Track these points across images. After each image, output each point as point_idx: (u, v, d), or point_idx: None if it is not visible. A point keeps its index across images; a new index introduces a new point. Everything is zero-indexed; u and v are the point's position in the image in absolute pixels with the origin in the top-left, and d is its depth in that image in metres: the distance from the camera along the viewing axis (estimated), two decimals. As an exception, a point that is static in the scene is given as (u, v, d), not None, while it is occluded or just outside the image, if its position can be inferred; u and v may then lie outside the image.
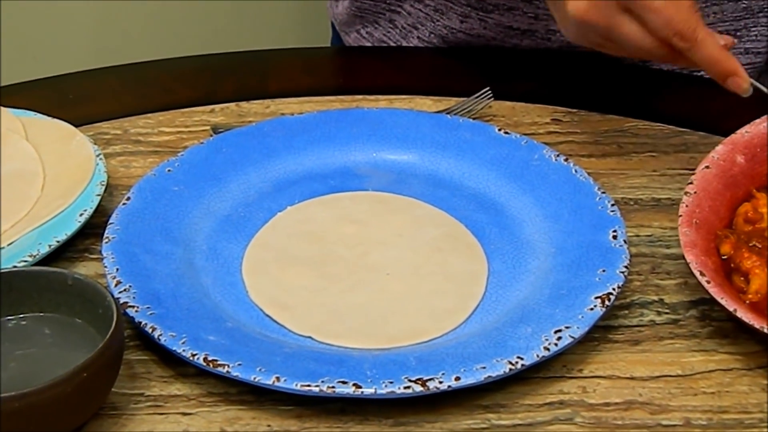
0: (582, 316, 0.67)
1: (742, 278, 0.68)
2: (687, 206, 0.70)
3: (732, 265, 0.69)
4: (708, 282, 0.65)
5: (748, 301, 0.67)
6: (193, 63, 1.04)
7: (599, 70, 0.81)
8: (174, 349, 0.65)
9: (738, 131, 0.74)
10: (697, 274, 0.66)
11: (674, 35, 0.73)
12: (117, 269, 0.70)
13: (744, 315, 0.63)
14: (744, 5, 1.00)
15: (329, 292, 0.72)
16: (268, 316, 0.70)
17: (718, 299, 0.64)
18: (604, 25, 0.75)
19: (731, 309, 0.64)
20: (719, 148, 0.74)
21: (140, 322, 0.66)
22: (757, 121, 0.75)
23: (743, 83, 0.74)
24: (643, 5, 0.73)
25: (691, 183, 0.72)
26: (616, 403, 0.65)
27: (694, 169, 0.75)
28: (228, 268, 0.74)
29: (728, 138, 0.74)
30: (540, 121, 0.91)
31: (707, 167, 0.72)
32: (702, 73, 0.80)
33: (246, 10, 1.71)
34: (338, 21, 1.13)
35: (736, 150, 0.73)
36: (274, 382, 0.62)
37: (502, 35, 1.01)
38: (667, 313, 0.71)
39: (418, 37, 1.05)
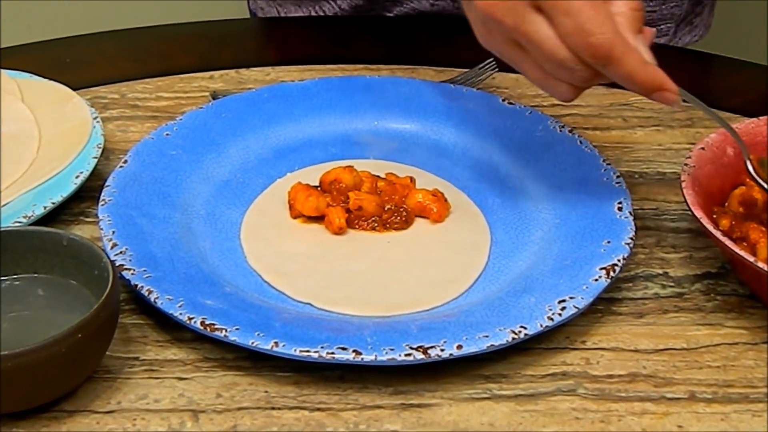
0: (586, 287, 0.66)
1: (747, 248, 0.67)
2: (688, 175, 0.70)
3: (734, 236, 0.68)
4: (723, 235, 0.65)
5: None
6: (193, 29, 1.03)
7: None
8: (171, 312, 0.63)
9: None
10: (711, 227, 0.65)
11: (587, 47, 0.64)
12: (113, 231, 0.69)
13: (764, 265, 0.63)
14: None
15: (328, 259, 0.71)
16: (266, 282, 0.69)
17: (737, 251, 0.64)
18: (511, 23, 0.66)
19: (750, 260, 0.63)
20: (713, 136, 0.74)
21: (136, 285, 0.65)
22: (747, 120, 0.75)
23: (671, 96, 0.67)
24: (554, 5, 0.64)
25: (689, 158, 0.71)
26: (620, 375, 0.64)
27: (699, 145, 0.74)
28: (226, 233, 0.73)
29: (720, 129, 0.74)
30: (544, 93, 0.90)
31: (702, 149, 0.72)
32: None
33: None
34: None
35: (727, 142, 0.73)
36: (272, 347, 0.61)
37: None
38: (671, 286, 0.70)
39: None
